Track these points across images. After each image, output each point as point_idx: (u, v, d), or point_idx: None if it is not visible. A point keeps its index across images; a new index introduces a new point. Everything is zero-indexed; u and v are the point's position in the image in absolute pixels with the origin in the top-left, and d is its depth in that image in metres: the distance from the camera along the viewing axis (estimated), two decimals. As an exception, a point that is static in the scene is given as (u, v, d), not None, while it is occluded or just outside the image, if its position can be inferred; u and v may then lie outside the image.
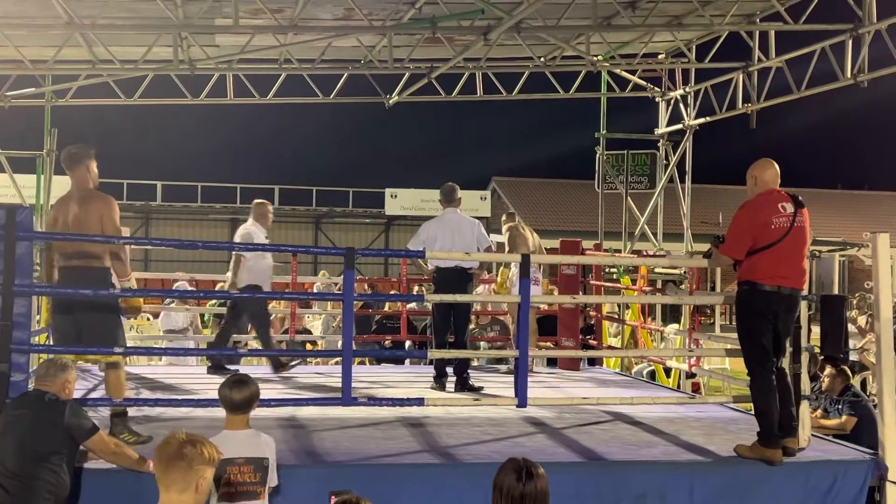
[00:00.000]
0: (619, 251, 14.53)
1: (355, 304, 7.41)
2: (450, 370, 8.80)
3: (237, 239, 9.48)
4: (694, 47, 13.86)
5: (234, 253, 9.33)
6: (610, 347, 11.89)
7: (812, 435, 6.63)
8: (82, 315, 6.13)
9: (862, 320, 13.44)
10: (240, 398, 4.86)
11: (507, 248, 10.10)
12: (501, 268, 10.07)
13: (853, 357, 11.69)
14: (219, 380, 5.16)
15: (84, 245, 6.10)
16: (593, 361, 11.36)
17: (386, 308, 12.11)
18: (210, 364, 9.64)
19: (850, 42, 11.27)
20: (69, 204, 6.28)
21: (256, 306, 9.47)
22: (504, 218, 10.83)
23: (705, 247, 7.00)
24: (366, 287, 14.67)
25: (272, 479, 4.88)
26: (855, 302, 13.99)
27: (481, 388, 8.57)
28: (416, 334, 11.36)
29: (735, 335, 6.35)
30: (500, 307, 11.12)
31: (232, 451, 4.66)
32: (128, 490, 5.18)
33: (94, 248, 6.12)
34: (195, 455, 3.51)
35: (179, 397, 7.55)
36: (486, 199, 35.93)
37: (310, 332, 13.42)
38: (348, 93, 14.75)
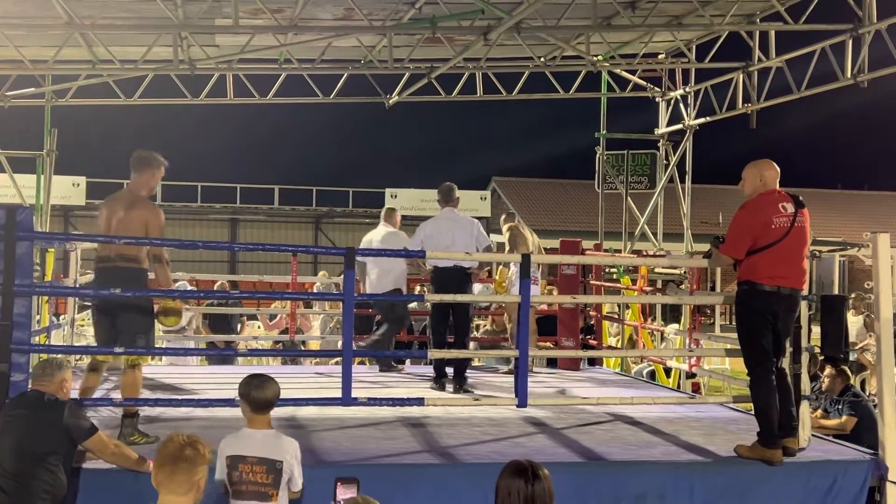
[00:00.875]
0: (619, 251, 14.53)
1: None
2: (450, 370, 8.79)
3: (393, 245, 9.46)
4: (694, 47, 13.86)
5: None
6: (610, 347, 11.89)
7: (812, 435, 6.62)
8: (123, 316, 6.18)
9: (858, 320, 13.33)
10: (263, 398, 4.83)
11: (507, 248, 10.09)
12: (500, 267, 10.06)
13: (853, 357, 11.68)
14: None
15: (122, 248, 6.14)
16: (593, 361, 11.36)
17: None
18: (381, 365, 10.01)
19: (850, 42, 11.26)
20: (116, 206, 6.36)
21: (403, 308, 9.77)
22: (504, 217, 10.81)
23: (705, 247, 7.00)
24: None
25: (295, 483, 4.83)
26: (851, 302, 13.95)
27: (473, 390, 8.57)
28: (416, 335, 11.35)
29: (735, 335, 6.35)
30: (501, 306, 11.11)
31: (247, 450, 4.68)
32: (126, 490, 5.18)
33: (132, 250, 6.17)
34: (197, 456, 3.64)
35: (179, 397, 7.55)
36: (486, 199, 35.94)
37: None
38: (348, 93, 14.75)
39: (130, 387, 6.26)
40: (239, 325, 12.73)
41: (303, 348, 12.22)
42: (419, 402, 6.75)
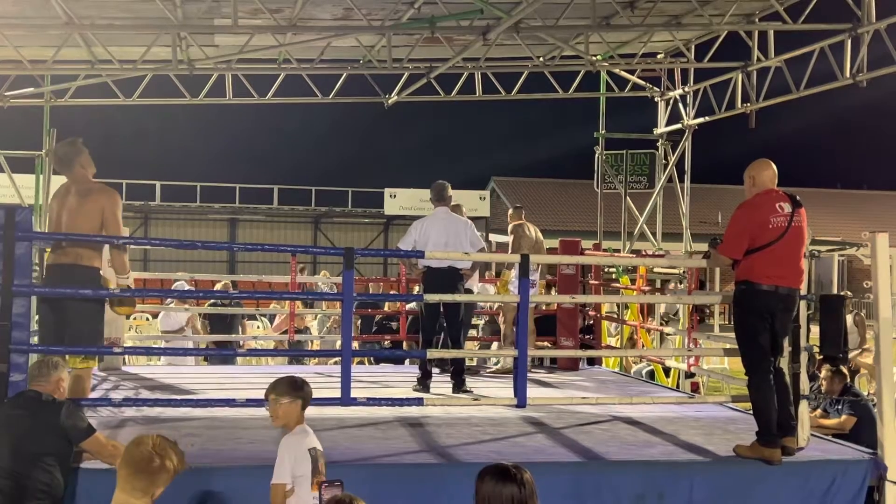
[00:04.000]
0: (618, 251, 14.53)
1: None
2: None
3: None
4: (693, 47, 13.86)
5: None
6: (609, 347, 11.89)
7: (811, 434, 6.63)
8: (70, 317, 6.07)
9: (847, 319, 13.26)
10: (311, 394, 4.92)
11: (510, 248, 10.04)
12: (504, 269, 9.98)
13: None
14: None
15: (76, 244, 6.07)
16: (592, 361, 11.35)
17: (385, 308, 12.09)
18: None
19: (849, 42, 11.27)
20: (68, 196, 6.23)
21: (471, 310, 9.63)
22: (511, 213, 10.68)
23: (704, 247, 7.00)
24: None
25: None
26: None
27: (472, 391, 8.55)
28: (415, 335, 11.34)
29: (733, 335, 6.35)
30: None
31: (316, 443, 4.75)
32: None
33: (86, 247, 6.10)
34: (161, 470, 3.61)
35: (179, 397, 7.55)
36: (485, 199, 35.92)
37: (307, 332, 13.42)
38: (348, 93, 14.76)
39: (80, 387, 6.20)
40: (240, 326, 12.72)
41: (310, 347, 12.22)
42: (418, 402, 6.75)
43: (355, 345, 11.89)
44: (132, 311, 6.84)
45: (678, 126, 14.75)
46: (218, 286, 12.92)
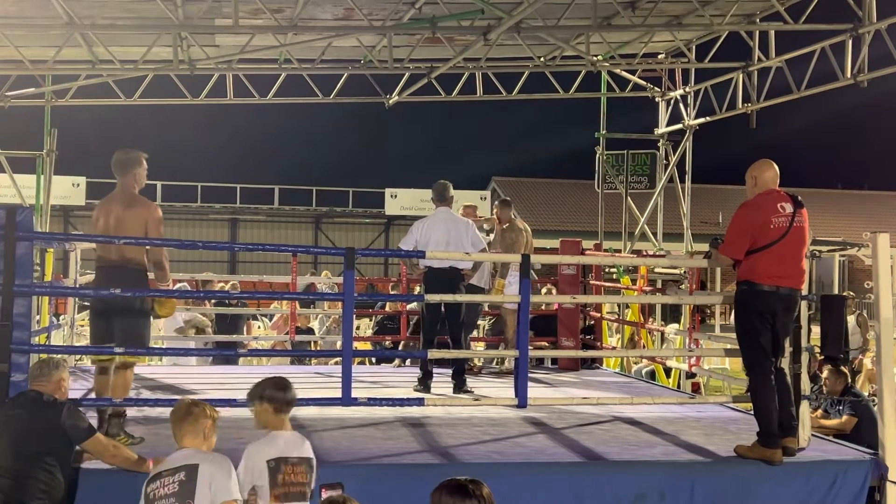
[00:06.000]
0: (619, 251, 14.53)
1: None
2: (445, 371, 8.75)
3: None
4: (694, 47, 13.87)
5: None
6: (610, 348, 11.88)
7: (812, 435, 6.63)
8: (118, 319, 6.21)
9: (850, 319, 13.25)
10: (291, 397, 4.85)
11: (505, 248, 9.98)
12: (497, 278, 9.80)
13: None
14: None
15: (122, 248, 6.15)
16: (593, 361, 11.35)
17: (386, 308, 12.09)
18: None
19: (850, 42, 11.28)
20: (112, 206, 6.34)
21: (476, 310, 9.63)
22: (500, 208, 10.29)
23: (705, 247, 7.00)
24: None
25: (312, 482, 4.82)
26: None
27: (472, 391, 8.54)
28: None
29: (734, 334, 6.34)
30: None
31: (284, 451, 4.68)
32: (125, 490, 5.16)
33: (132, 251, 6.20)
34: (201, 412, 4.61)
35: (179, 397, 7.54)
36: (485, 199, 35.91)
37: (312, 332, 13.42)
38: (348, 93, 14.77)
39: (122, 387, 6.27)
40: (245, 327, 12.73)
41: (311, 347, 12.21)
42: (419, 402, 6.75)
43: (368, 345, 11.96)
44: (173, 311, 7.05)
45: (679, 126, 14.76)
46: (227, 286, 12.92)
